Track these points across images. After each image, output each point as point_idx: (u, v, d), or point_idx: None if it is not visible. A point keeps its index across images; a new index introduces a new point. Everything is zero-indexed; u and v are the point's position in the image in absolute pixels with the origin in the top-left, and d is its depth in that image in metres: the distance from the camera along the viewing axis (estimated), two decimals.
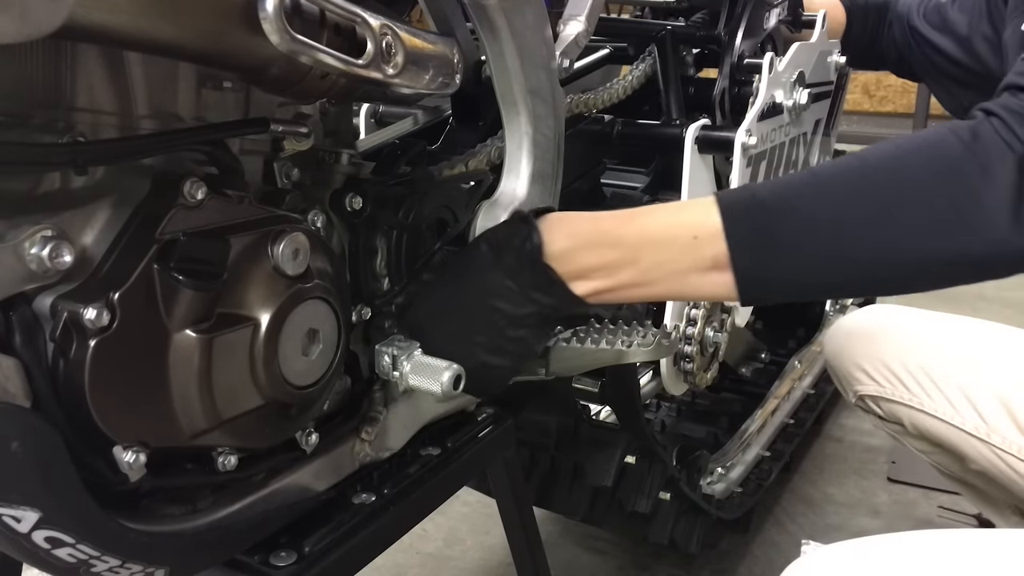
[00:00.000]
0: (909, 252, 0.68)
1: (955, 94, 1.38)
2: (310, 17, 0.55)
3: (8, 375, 0.51)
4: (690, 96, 1.23)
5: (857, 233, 0.68)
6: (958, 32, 1.31)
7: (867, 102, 6.02)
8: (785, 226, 0.69)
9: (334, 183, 0.73)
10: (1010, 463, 1.06)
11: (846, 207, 0.68)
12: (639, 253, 0.73)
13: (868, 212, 0.67)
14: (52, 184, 0.55)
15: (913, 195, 0.67)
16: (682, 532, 1.39)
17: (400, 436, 0.84)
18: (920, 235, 0.67)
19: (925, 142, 0.70)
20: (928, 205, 0.67)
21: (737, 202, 0.70)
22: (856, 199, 0.68)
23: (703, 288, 0.72)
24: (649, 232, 0.73)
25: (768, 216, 0.69)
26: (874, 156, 0.70)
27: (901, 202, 0.67)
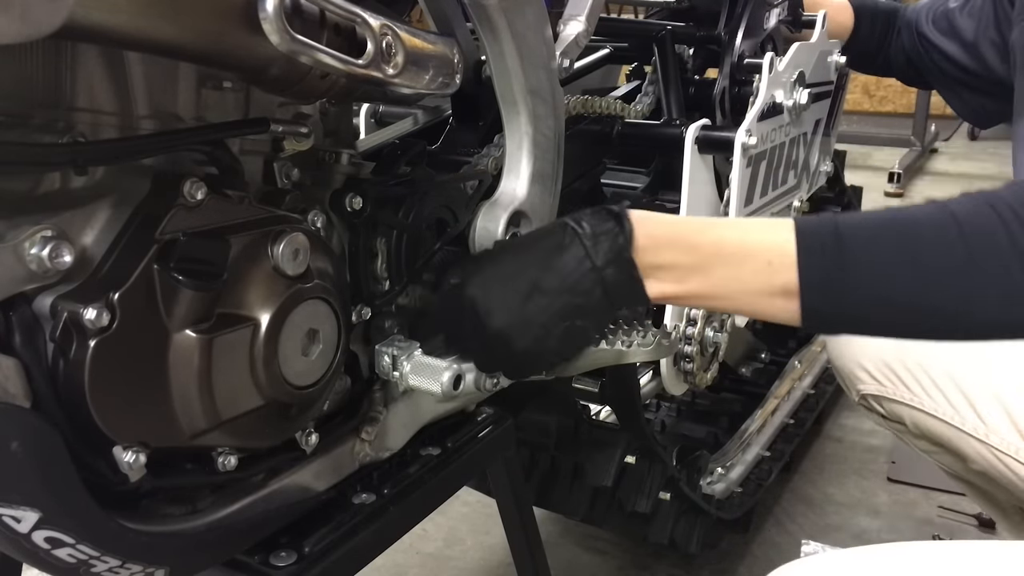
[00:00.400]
0: (980, 311, 0.67)
1: (967, 100, 1.38)
2: (310, 17, 0.55)
3: (8, 375, 0.51)
4: (690, 96, 1.23)
5: (932, 284, 0.67)
6: (965, 38, 1.31)
7: (867, 102, 6.02)
8: (858, 268, 0.68)
9: (334, 183, 0.73)
10: (1008, 464, 1.06)
11: (927, 256, 0.67)
12: (712, 264, 0.73)
13: (946, 266, 0.67)
14: (52, 184, 0.55)
15: (996, 257, 0.66)
16: (682, 532, 1.39)
17: (400, 436, 0.84)
18: (997, 297, 0.66)
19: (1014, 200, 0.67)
20: (1005, 270, 0.65)
21: (815, 234, 0.70)
22: (936, 249, 0.67)
23: (767, 310, 0.72)
24: (726, 246, 0.73)
25: (844, 255, 0.68)
26: (959, 210, 0.68)
27: (980, 263, 0.66)
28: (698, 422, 1.78)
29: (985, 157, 4.98)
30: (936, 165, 4.86)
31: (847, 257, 0.68)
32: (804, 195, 1.40)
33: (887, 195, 4.12)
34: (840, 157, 1.83)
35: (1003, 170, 4.64)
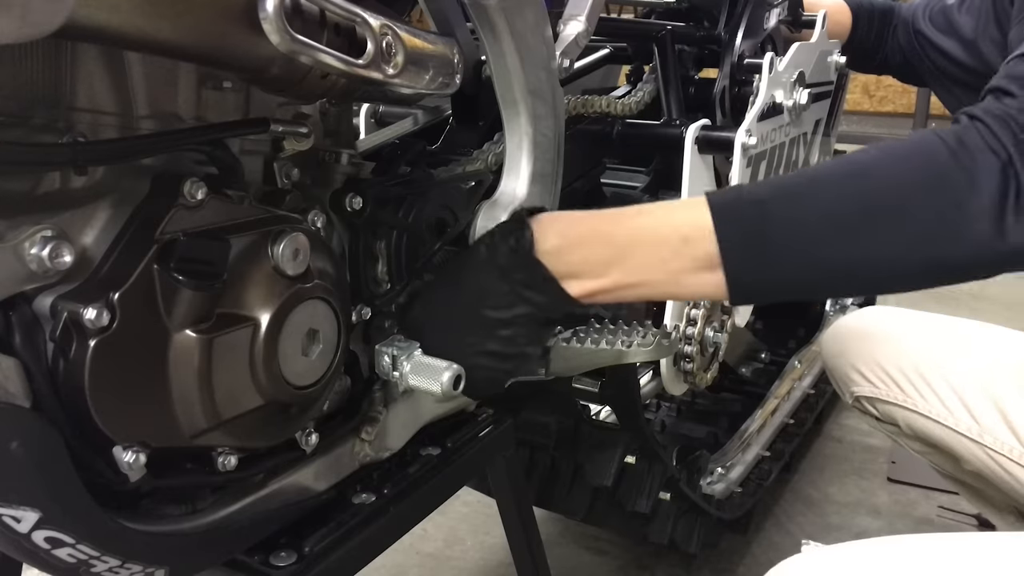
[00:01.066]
0: (894, 255, 0.68)
1: (960, 98, 1.37)
2: (310, 17, 0.55)
3: (8, 375, 0.51)
4: (690, 96, 1.23)
5: (845, 235, 0.68)
6: (964, 35, 1.31)
7: (867, 102, 6.02)
8: (775, 226, 0.69)
9: (334, 183, 0.73)
10: (1003, 464, 1.06)
11: (835, 208, 0.69)
12: (630, 252, 0.73)
13: (856, 214, 0.68)
14: (52, 184, 0.55)
15: (900, 200, 0.68)
16: (682, 532, 1.39)
17: (400, 436, 0.84)
18: (905, 239, 0.68)
19: (915, 147, 0.71)
20: (914, 210, 0.68)
21: (728, 203, 0.70)
22: (845, 201, 0.69)
23: (695, 288, 0.72)
24: (640, 232, 0.73)
25: (758, 216, 0.69)
26: (865, 160, 0.71)
27: (888, 206, 0.68)
28: (698, 422, 1.78)
29: None
30: None
31: (760, 214, 0.69)
32: None
33: None
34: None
35: None
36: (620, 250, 0.73)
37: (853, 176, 0.70)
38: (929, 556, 0.74)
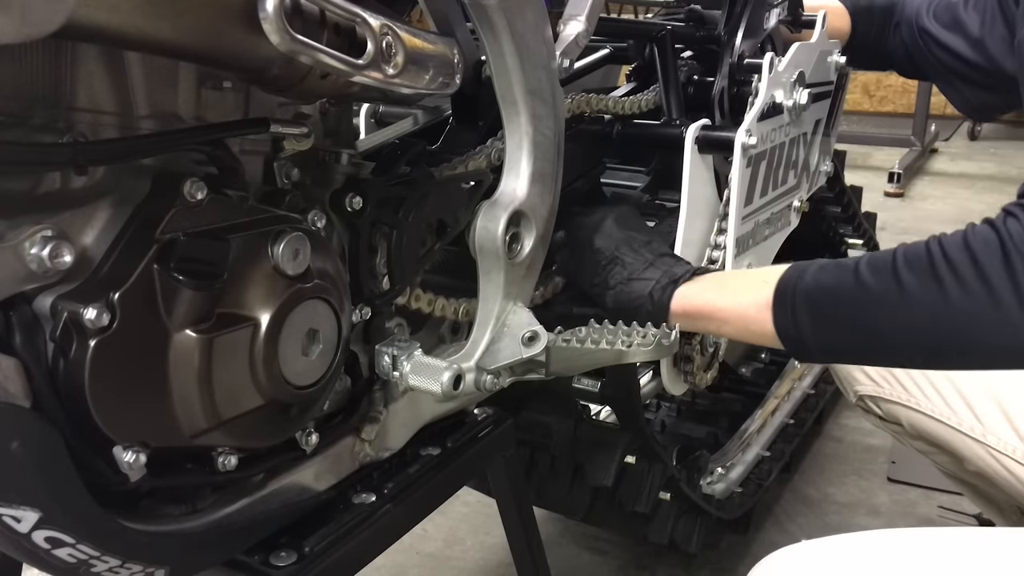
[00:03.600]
0: (941, 350, 0.78)
1: (964, 93, 1.37)
2: (310, 17, 0.55)
3: (8, 375, 0.51)
4: (690, 96, 1.23)
5: (898, 340, 0.79)
6: (970, 32, 1.30)
7: (867, 102, 6.02)
8: (809, 326, 0.82)
9: (334, 183, 0.73)
10: (1006, 464, 1.06)
11: (887, 322, 0.78)
12: (727, 287, 0.92)
13: (903, 322, 0.77)
14: (52, 184, 0.55)
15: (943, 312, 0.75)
16: (682, 532, 1.39)
17: (400, 436, 0.84)
18: (944, 338, 0.76)
19: (958, 262, 0.75)
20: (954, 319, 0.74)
21: (784, 291, 0.83)
22: (893, 312, 0.77)
23: (757, 327, 0.85)
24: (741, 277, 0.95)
25: (796, 313, 0.82)
26: (915, 268, 0.77)
27: (936, 315, 0.75)
28: (698, 422, 1.78)
29: (985, 157, 4.98)
30: (936, 165, 4.86)
31: (797, 298, 0.81)
32: (804, 195, 1.40)
33: (887, 195, 4.12)
34: (840, 157, 1.82)
35: (1003, 170, 4.65)
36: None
37: (901, 285, 0.76)
38: (918, 550, 0.75)
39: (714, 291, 0.90)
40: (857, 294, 0.78)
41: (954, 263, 0.73)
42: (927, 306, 0.74)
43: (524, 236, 0.83)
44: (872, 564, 0.75)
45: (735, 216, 1.11)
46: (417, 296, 0.81)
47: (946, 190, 4.29)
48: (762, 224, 1.23)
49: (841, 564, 0.76)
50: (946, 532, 0.80)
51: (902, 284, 0.75)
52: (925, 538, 0.78)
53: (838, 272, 0.80)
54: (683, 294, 0.91)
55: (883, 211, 3.26)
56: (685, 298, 0.91)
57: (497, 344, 0.82)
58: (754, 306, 0.84)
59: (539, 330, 0.82)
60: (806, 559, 0.77)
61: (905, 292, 0.75)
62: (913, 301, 0.75)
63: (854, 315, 0.78)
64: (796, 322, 0.81)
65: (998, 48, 1.26)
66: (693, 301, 0.90)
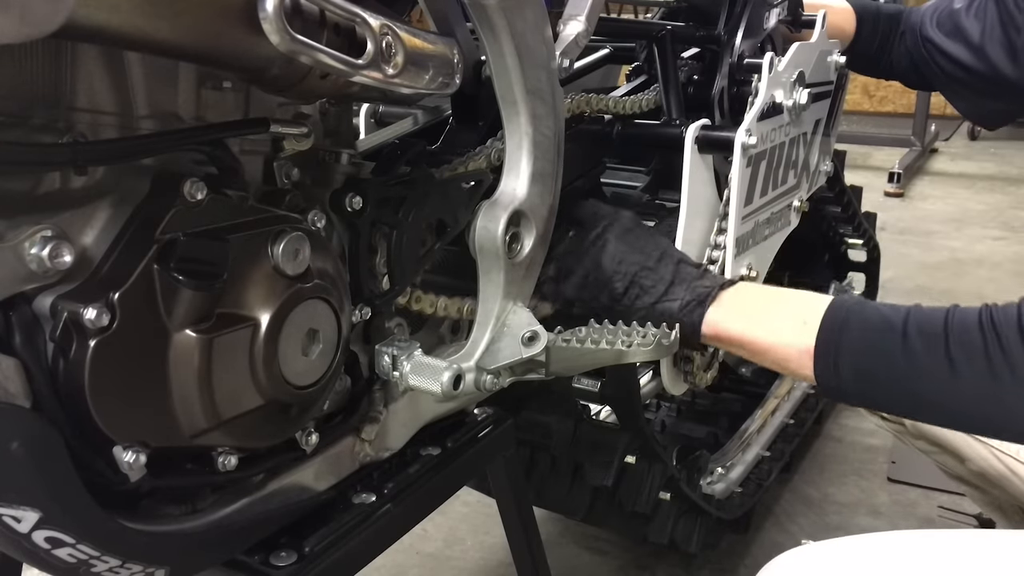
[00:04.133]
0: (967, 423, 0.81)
1: (971, 101, 1.36)
2: (310, 17, 0.55)
3: (8, 375, 0.51)
4: (690, 96, 1.23)
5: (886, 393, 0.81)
6: (971, 39, 1.30)
7: (867, 102, 6.02)
8: (847, 368, 0.82)
9: (334, 183, 0.73)
10: (1009, 464, 1.06)
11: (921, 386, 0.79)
12: (765, 317, 0.89)
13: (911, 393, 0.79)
14: (52, 184, 0.55)
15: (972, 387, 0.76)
16: (682, 532, 1.39)
17: (400, 436, 0.84)
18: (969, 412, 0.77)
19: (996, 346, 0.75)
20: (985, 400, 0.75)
21: (836, 308, 0.83)
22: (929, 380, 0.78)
23: (797, 369, 0.85)
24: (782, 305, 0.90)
25: (839, 354, 0.81)
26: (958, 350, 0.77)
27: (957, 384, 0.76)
28: (698, 422, 1.78)
29: (985, 157, 4.98)
30: (936, 165, 4.86)
31: (841, 355, 0.81)
32: (804, 195, 1.40)
33: (887, 195, 4.12)
34: (840, 157, 1.83)
35: (1003, 170, 4.65)
36: (762, 313, 0.89)
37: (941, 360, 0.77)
38: (923, 552, 0.75)
39: (748, 321, 0.88)
40: (905, 364, 0.77)
41: (1007, 348, 0.73)
42: (978, 391, 0.75)
43: (524, 236, 0.83)
44: (879, 566, 0.75)
45: (735, 216, 1.11)
46: (418, 298, 0.82)
47: (946, 190, 4.29)
48: (762, 224, 1.23)
49: (848, 566, 0.76)
50: (950, 535, 0.80)
51: (954, 367, 0.75)
52: (930, 540, 0.78)
53: (884, 335, 0.79)
54: (715, 320, 0.89)
55: (883, 211, 3.27)
56: (716, 325, 0.89)
57: (497, 344, 0.82)
58: (795, 350, 0.83)
59: (539, 330, 0.82)
60: (813, 561, 0.77)
61: (957, 375, 0.75)
62: (964, 386, 0.75)
63: (901, 384, 0.78)
64: (838, 375, 0.81)
65: (998, 55, 1.26)
66: (726, 329, 0.89)
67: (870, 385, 0.81)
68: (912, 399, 0.80)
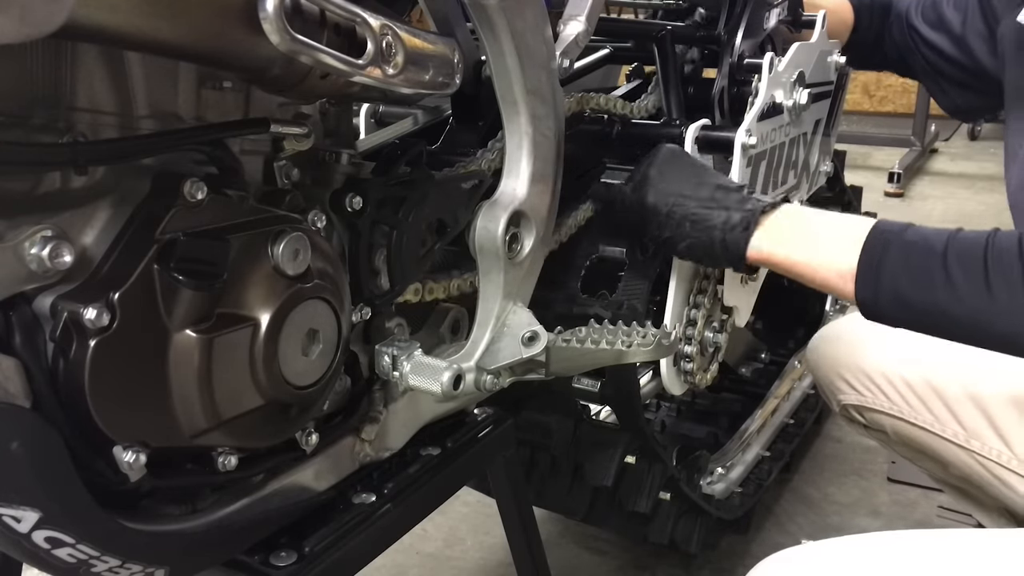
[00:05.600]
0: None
1: (949, 93, 1.37)
2: (310, 17, 0.55)
3: (8, 375, 0.51)
4: (690, 96, 1.23)
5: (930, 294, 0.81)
6: (953, 30, 1.30)
7: (867, 102, 6.02)
8: (887, 280, 0.83)
9: (334, 183, 0.73)
10: (991, 468, 1.06)
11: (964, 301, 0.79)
12: (813, 238, 0.90)
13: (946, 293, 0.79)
14: (52, 184, 0.55)
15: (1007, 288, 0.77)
16: (682, 532, 1.39)
17: (400, 436, 0.84)
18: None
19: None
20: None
21: (880, 230, 0.84)
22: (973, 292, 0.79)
23: (839, 289, 0.86)
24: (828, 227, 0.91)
25: (883, 251, 0.83)
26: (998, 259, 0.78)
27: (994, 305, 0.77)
28: (698, 422, 1.77)
29: (985, 157, 4.98)
30: (936, 165, 4.86)
31: (881, 278, 0.82)
32: (804, 195, 1.40)
33: (887, 195, 4.12)
34: (840, 157, 1.83)
35: (1002, 170, 4.64)
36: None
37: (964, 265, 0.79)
38: (917, 552, 0.75)
39: (793, 244, 0.89)
40: (944, 289, 0.79)
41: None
42: (1013, 315, 0.76)
43: (524, 236, 0.83)
44: (871, 567, 0.75)
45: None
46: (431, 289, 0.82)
47: (946, 190, 4.29)
48: None
49: (839, 567, 0.76)
50: (945, 534, 0.81)
51: (992, 292, 0.76)
52: (924, 540, 0.79)
53: (925, 259, 0.80)
54: (760, 243, 0.90)
55: (883, 211, 3.26)
56: (762, 249, 0.90)
57: (497, 344, 0.82)
58: (836, 273, 0.85)
59: (539, 330, 0.82)
60: (804, 562, 0.77)
61: (994, 300, 0.76)
62: (1000, 308, 0.76)
63: (936, 305, 0.79)
64: (877, 297, 0.83)
65: (978, 46, 1.25)
66: (771, 253, 0.89)
67: (907, 307, 0.82)
68: (949, 322, 0.81)
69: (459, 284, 0.86)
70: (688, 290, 1.14)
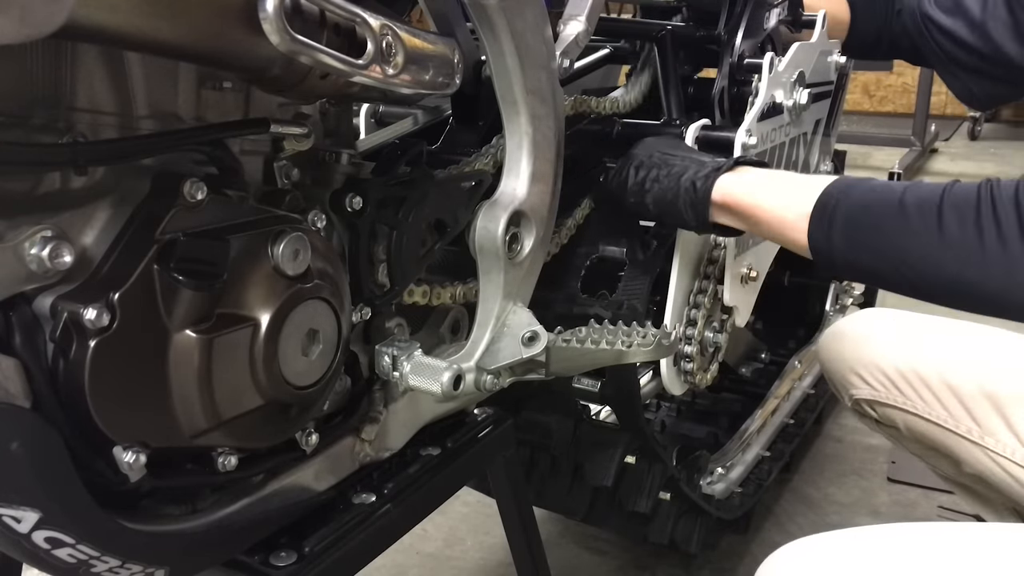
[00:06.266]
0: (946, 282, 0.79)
1: (965, 81, 1.34)
2: (310, 17, 0.55)
3: (8, 375, 0.51)
4: (690, 96, 1.23)
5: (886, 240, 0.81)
6: (972, 16, 1.28)
7: (867, 102, 6.02)
8: (840, 214, 0.83)
9: (334, 183, 0.73)
10: (1004, 466, 1.05)
11: (906, 242, 0.79)
12: (771, 186, 0.92)
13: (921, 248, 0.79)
14: (52, 184, 0.55)
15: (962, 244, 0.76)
16: (682, 532, 1.39)
17: (400, 436, 0.84)
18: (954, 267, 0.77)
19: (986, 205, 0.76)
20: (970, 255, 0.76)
21: (835, 184, 0.84)
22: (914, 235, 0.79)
23: (791, 235, 0.86)
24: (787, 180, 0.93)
25: (836, 203, 0.82)
26: (949, 205, 0.77)
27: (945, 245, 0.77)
28: (698, 422, 1.77)
29: (985, 157, 4.98)
30: (936, 165, 4.86)
31: (835, 220, 0.82)
32: None
33: None
34: (840, 157, 1.83)
35: (1003, 170, 4.65)
36: (770, 184, 0.90)
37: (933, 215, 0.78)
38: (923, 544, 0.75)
39: (758, 186, 0.90)
40: (896, 224, 0.78)
41: (1000, 218, 0.73)
42: (962, 253, 0.75)
43: (524, 236, 0.83)
44: (879, 558, 0.75)
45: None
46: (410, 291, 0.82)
47: None
48: None
49: (850, 558, 0.76)
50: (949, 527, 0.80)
51: (943, 226, 0.75)
52: (929, 533, 0.78)
53: (882, 195, 0.80)
54: (726, 184, 0.90)
55: None
56: (728, 188, 0.90)
57: (497, 344, 0.82)
58: (793, 213, 0.85)
59: (539, 330, 0.82)
60: (814, 554, 0.77)
61: (944, 234, 0.75)
62: (950, 245, 0.75)
63: (888, 243, 0.79)
64: (829, 238, 0.82)
65: (1000, 33, 1.24)
66: (736, 192, 0.90)
67: (858, 247, 0.82)
68: (897, 260, 0.80)
69: (464, 292, 0.86)
70: (688, 290, 1.14)
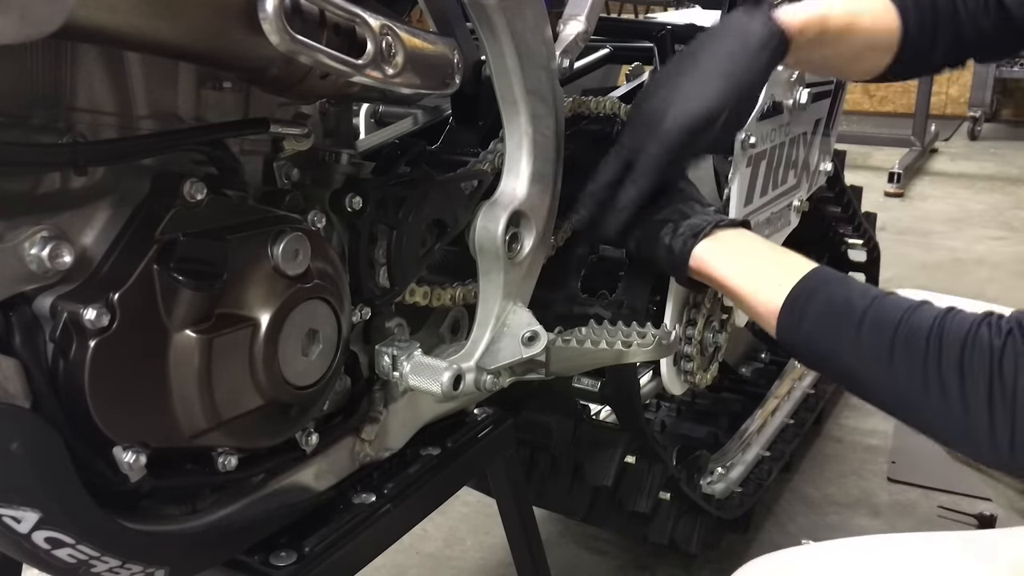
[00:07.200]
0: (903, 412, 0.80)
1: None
2: (310, 17, 0.55)
3: (8, 375, 0.51)
4: None
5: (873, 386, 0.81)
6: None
7: (867, 102, 6.02)
8: (803, 335, 0.83)
9: (334, 183, 0.73)
10: None
11: (872, 369, 0.79)
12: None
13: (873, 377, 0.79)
14: (52, 184, 0.55)
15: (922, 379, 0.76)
16: (682, 532, 1.39)
17: (400, 436, 0.84)
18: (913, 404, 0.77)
19: (963, 344, 0.74)
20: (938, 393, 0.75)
21: (810, 277, 0.85)
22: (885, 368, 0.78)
23: (765, 317, 0.86)
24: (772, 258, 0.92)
25: (803, 319, 0.83)
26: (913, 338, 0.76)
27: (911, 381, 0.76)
28: (698, 422, 1.77)
29: (985, 157, 4.99)
30: (936, 165, 4.86)
31: (802, 323, 0.83)
32: (804, 195, 1.40)
33: (887, 195, 4.13)
34: (840, 157, 1.83)
35: (1003, 170, 4.66)
36: (741, 261, 0.89)
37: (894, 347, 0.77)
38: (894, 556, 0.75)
39: (733, 265, 0.90)
40: (852, 347, 0.80)
41: (944, 372, 0.73)
42: (905, 399, 0.77)
43: (524, 236, 0.83)
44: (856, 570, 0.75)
45: (735, 216, 1.11)
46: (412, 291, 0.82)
47: (946, 190, 4.29)
48: (762, 224, 1.23)
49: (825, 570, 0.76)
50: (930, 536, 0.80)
51: (893, 362, 0.76)
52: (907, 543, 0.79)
53: (843, 317, 0.81)
54: (703, 253, 0.90)
55: (883, 211, 3.27)
56: (704, 258, 0.90)
57: (497, 344, 0.82)
58: (764, 307, 0.86)
59: (539, 330, 0.82)
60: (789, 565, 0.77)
61: (893, 371, 0.77)
62: (896, 382, 0.77)
63: (844, 360, 0.81)
64: (797, 333, 0.84)
65: None
66: (711, 267, 0.90)
67: (820, 357, 0.84)
68: (850, 377, 0.82)
69: (463, 293, 0.86)
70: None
